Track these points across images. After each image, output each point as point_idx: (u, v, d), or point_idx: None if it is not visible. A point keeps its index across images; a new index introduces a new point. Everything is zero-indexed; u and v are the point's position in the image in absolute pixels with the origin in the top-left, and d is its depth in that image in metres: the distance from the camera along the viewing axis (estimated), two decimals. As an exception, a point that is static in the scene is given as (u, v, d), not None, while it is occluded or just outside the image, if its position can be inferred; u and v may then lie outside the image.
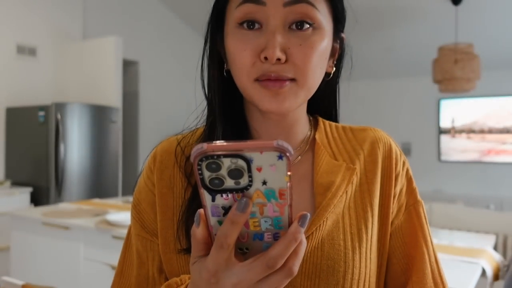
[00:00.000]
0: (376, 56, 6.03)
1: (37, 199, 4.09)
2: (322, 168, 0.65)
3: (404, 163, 0.69)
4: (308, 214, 0.42)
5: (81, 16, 5.04)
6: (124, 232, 2.38)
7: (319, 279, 0.59)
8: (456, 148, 6.23)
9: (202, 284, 0.44)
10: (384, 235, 0.65)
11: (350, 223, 0.62)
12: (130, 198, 3.66)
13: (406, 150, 6.48)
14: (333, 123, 0.72)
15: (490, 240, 2.47)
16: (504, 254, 2.88)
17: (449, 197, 5.56)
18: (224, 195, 0.40)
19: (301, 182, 0.65)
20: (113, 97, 4.64)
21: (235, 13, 0.59)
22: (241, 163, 0.38)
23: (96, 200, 3.56)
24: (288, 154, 0.37)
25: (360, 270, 0.60)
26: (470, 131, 6.16)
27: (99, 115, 4.42)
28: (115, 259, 2.76)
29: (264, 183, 0.39)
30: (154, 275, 0.67)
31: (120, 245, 2.55)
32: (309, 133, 0.69)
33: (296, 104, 0.60)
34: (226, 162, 0.38)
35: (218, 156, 0.37)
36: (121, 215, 2.64)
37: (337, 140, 0.69)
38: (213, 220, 0.42)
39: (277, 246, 0.41)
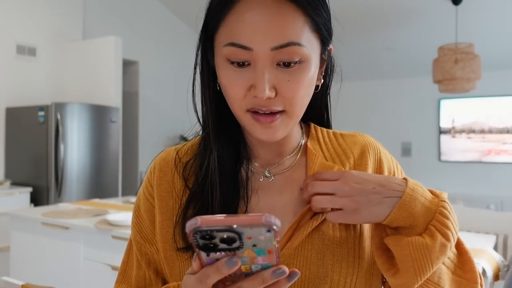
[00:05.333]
0: (376, 56, 6.03)
1: (37, 199, 4.09)
2: (315, 170, 0.68)
3: (397, 164, 0.74)
4: (298, 273, 0.49)
5: (81, 16, 5.04)
6: (123, 232, 2.38)
7: (309, 269, 0.63)
8: (456, 148, 6.23)
9: None
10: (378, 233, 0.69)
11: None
12: (130, 198, 3.66)
13: (406, 150, 6.48)
14: (325, 129, 0.75)
15: (490, 240, 2.47)
16: (504, 254, 2.87)
17: (449, 197, 5.54)
18: (217, 253, 0.45)
19: (294, 186, 0.68)
20: (113, 97, 4.64)
21: (223, 50, 0.60)
22: (232, 235, 0.43)
23: (96, 200, 3.56)
24: (275, 227, 0.42)
25: (348, 260, 0.64)
26: (470, 131, 6.16)
27: (99, 115, 4.42)
28: (115, 259, 2.76)
29: (254, 245, 0.44)
30: (151, 277, 0.72)
31: (119, 245, 2.55)
32: (301, 140, 0.72)
33: (287, 131, 0.64)
34: (219, 234, 0.43)
35: (211, 230, 0.42)
36: (121, 215, 2.64)
37: (328, 145, 0.72)
38: (207, 264, 0.48)
39: (248, 281, 0.47)
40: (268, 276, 0.47)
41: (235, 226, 0.42)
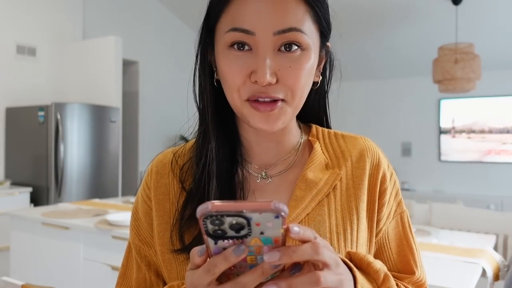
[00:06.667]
0: (376, 56, 6.03)
1: (37, 199, 4.09)
2: (312, 168, 0.69)
3: (392, 174, 0.73)
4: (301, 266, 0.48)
5: (81, 16, 5.04)
6: (123, 232, 2.38)
7: None
8: (456, 148, 6.23)
9: None
10: (370, 237, 0.70)
11: (336, 223, 0.66)
12: (130, 199, 3.66)
13: (406, 150, 6.48)
14: (326, 130, 0.75)
15: (490, 240, 2.47)
16: (504, 254, 2.87)
17: (449, 197, 5.56)
18: (225, 241, 0.45)
19: (291, 187, 0.68)
20: (113, 97, 4.64)
21: (225, 37, 0.60)
22: (242, 220, 0.43)
23: (96, 200, 3.56)
24: (283, 213, 0.43)
25: None
26: (470, 131, 6.16)
27: (99, 115, 4.42)
28: (115, 259, 2.77)
29: (262, 233, 0.45)
30: (151, 278, 0.73)
31: (119, 245, 2.55)
32: (300, 140, 0.72)
33: (286, 121, 0.63)
34: (228, 219, 0.43)
35: (222, 215, 0.43)
36: (121, 215, 2.63)
37: (328, 146, 0.72)
38: (214, 254, 0.48)
39: (247, 275, 0.47)
40: (268, 268, 0.46)
41: (244, 211, 0.43)
